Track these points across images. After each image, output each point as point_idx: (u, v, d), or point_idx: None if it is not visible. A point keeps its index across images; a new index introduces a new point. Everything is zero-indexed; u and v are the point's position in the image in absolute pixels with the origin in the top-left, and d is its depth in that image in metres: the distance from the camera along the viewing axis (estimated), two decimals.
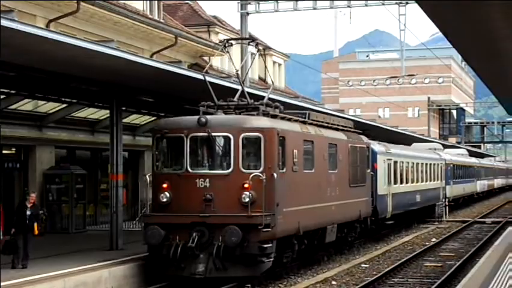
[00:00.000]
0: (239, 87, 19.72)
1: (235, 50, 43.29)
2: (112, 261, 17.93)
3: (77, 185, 26.58)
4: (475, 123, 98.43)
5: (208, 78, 18.62)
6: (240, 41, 25.54)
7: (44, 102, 24.01)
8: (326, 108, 31.30)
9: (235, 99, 19.14)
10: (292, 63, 68.37)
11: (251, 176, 17.12)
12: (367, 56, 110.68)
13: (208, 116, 17.79)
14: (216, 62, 44.46)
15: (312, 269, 20.92)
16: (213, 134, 17.48)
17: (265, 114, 18.60)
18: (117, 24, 31.71)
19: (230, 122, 17.80)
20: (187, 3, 47.22)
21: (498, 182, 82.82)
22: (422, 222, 37.83)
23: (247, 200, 17.10)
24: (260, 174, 17.18)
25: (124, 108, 22.02)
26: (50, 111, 25.71)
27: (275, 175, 17.42)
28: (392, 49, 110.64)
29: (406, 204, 33.74)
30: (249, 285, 17.68)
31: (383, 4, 34.79)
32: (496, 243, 23.18)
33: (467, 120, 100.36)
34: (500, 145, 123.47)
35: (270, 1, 34.82)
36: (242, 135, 17.46)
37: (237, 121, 17.82)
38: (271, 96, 20.91)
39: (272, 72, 47.66)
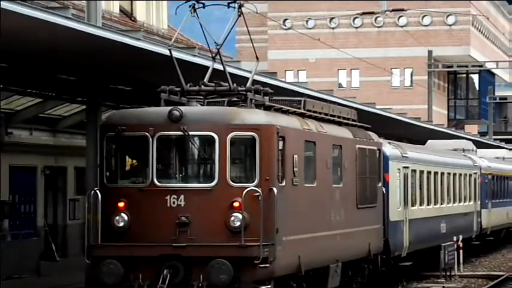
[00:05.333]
0: (209, 64, 17.30)
1: None
2: None
3: None
4: None
5: (174, 53, 16.42)
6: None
7: None
8: (325, 94, 26.38)
9: (206, 80, 16.61)
10: None
11: (244, 191, 15.07)
12: None
13: (182, 108, 15.51)
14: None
15: None
16: (191, 132, 15.33)
17: (258, 105, 16.18)
18: None
19: (214, 116, 15.57)
20: None
21: None
22: (418, 278, 26.75)
23: (238, 224, 15.16)
24: (255, 189, 15.18)
25: None
26: None
27: (274, 190, 15.32)
28: None
29: (428, 236, 25.70)
30: None
31: None
32: None
33: (500, 92, 69.34)
34: None
35: None
36: (230, 134, 15.38)
37: (224, 115, 15.58)
38: (255, 77, 18.31)
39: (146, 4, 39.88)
